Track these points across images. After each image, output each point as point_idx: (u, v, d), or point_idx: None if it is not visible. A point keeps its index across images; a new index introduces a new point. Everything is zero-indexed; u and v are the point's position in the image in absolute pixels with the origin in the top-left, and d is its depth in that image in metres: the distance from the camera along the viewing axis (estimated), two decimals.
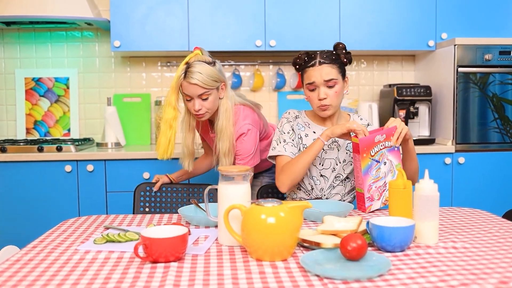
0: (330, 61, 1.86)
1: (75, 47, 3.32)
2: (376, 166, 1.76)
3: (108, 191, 2.81)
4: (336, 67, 1.87)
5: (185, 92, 1.96)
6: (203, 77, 1.92)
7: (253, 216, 1.23)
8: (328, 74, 1.85)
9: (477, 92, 2.91)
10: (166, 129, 2.01)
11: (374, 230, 1.28)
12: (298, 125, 1.98)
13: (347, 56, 1.91)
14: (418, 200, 1.35)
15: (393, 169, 1.79)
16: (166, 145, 2.02)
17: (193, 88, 1.93)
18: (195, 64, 1.94)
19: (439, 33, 3.10)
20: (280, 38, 3.04)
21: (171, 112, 2.00)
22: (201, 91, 1.94)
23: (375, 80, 3.49)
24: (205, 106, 1.98)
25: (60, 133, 3.31)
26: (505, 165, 2.94)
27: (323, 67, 1.85)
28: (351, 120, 1.90)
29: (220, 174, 1.38)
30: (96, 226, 1.61)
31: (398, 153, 1.80)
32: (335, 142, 1.95)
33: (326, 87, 1.86)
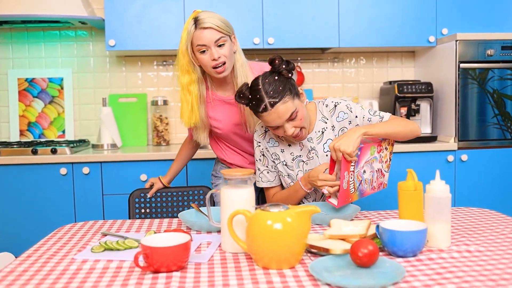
0: (280, 97, 1.60)
1: (69, 46, 3.25)
2: (362, 183, 1.64)
3: (105, 194, 2.74)
4: (288, 97, 1.61)
5: (199, 43, 1.77)
6: (216, 20, 1.78)
7: (259, 222, 1.18)
8: (286, 112, 1.61)
9: (479, 88, 2.86)
10: (186, 94, 1.87)
11: (385, 234, 1.22)
12: (270, 141, 1.82)
13: (289, 68, 1.65)
14: (429, 202, 1.30)
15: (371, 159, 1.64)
16: (190, 111, 1.87)
17: (209, 33, 1.76)
18: (203, 13, 1.81)
19: (440, 28, 3.05)
20: (278, 36, 2.98)
21: (186, 77, 1.85)
22: (217, 36, 1.77)
23: (374, 77, 3.44)
24: (224, 53, 1.79)
25: (54, 134, 3.24)
26: (509, 162, 2.90)
27: (277, 109, 1.60)
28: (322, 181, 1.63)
29: (223, 178, 1.32)
30: (93, 232, 1.54)
31: (362, 149, 1.59)
32: (312, 150, 1.77)
33: (290, 122, 1.65)
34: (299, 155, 1.79)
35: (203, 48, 1.78)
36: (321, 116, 1.79)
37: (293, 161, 1.79)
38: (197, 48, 1.78)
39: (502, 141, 2.90)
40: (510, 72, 2.87)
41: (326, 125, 1.78)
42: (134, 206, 2.10)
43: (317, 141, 1.77)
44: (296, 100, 1.65)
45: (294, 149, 1.79)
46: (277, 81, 1.62)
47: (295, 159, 1.79)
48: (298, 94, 1.68)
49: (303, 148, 1.79)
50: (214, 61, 1.78)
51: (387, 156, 1.75)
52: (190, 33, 1.78)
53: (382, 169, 1.73)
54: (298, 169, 1.79)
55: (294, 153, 1.79)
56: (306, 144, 1.78)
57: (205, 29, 1.76)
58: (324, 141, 1.77)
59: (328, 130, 1.77)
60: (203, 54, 1.79)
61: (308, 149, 1.78)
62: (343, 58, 3.41)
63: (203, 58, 1.80)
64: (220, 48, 1.79)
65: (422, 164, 2.83)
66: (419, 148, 2.84)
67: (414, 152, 2.84)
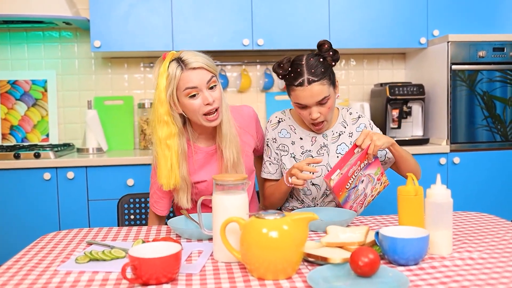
0: (319, 77, 1.64)
1: (53, 48, 3.16)
2: (354, 190, 1.65)
3: (90, 200, 2.66)
4: (327, 82, 1.66)
5: (189, 86, 1.54)
6: (204, 59, 1.57)
7: (254, 230, 1.11)
8: (320, 93, 1.65)
9: (470, 90, 2.83)
10: (164, 150, 1.59)
11: (385, 241, 1.17)
12: (282, 132, 1.84)
13: (335, 58, 1.70)
14: (430, 208, 1.25)
15: (372, 178, 1.69)
16: (169, 170, 1.59)
17: (200, 74, 1.55)
18: (185, 52, 1.59)
19: (431, 30, 3.02)
20: (268, 37, 2.92)
21: (165, 129, 1.58)
22: (208, 76, 1.56)
23: (365, 79, 3.40)
24: (217, 97, 1.58)
25: (38, 138, 3.14)
26: (502, 164, 2.87)
27: (313, 87, 1.63)
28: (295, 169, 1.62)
29: (214, 184, 1.25)
30: (78, 241, 1.47)
31: (375, 162, 1.67)
32: (324, 147, 1.81)
33: (318, 106, 1.68)
34: (309, 150, 1.81)
35: (194, 91, 1.56)
36: (342, 120, 1.85)
37: (302, 154, 1.81)
38: (185, 92, 1.55)
39: (493, 144, 2.88)
40: (499, 74, 2.85)
41: (344, 130, 1.83)
42: (123, 212, 2.03)
43: (332, 140, 1.81)
44: (331, 88, 1.70)
45: (305, 142, 1.81)
46: (321, 63, 1.67)
47: (304, 153, 1.81)
48: (335, 84, 1.73)
49: (315, 143, 1.81)
50: (207, 105, 1.57)
51: (377, 191, 1.74)
52: (175, 76, 1.54)
53: (367, 196, 1.72)
54: None
55: (305, 147, 1.81)
56: (319, 140, 1.81)
57: (195, 70, 1.55)
58: (339, 143, 1.81)
59: (345, 134, 1.82)
60: (193, 99, 1.56)
61: (320, 145, 1.81)
62: None
63: (192, 103, 1.56)
64: (212, 90, 1.58)
65: None
66: (411, 151, 2.78)
67: None
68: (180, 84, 1.56)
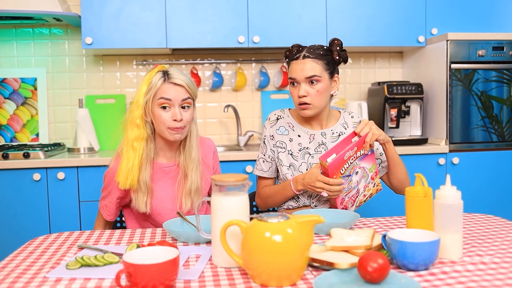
0: (315, 56, 1.72)
1: (43, 45, 3.08)
2: (348, 180, 1.65)
3: (81, 201, 2.58)
4: (322, 63, 1.72)
5: (164, 96, 1.59)
6: (187, 80, 1.63)
7: (256, 233, 1.05)
8: (310, 70, 1.70)
9: (469, 89, 2.79)
10: (128, 151, 1.62)
11: (394, 245, 1.11)
12: (280, 129, 1.85)
13: (342, 54, 1.76)
14: (440, 210, 1.19)
15: (366, 174, 1.69)
16: (128, 170, 1.61)
17: (177, 90, 1.61)
18: (173, 69, 1.65)
19: (429, 28, 2.97)
20: (264, 34, 2.86)
21: (135, 131, 1.63)
22: (185, 96, 1.62)
23: (362, 78, 3.35)
24: (186, 117, 1.63)
25: (27, 138, 3.05)
26: (502, 164, 2.83)
27: (306, 62, 1.71)
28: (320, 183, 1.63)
29: (213, 185, 1.19)
30: (68, 245, 1.40)
31: (371, 156, 1.69)
32: (322, 145, 1.82)
33: (307, 84, 1.72)
34: (307, 147, 1.81)
35: (167, 103, 1.60)
36: (343, 122, 1.86)
37: (299, 151, 1.81)
38: (159, 101, 1.60)
39: (493, 144, 2.84)
40: (495, 74, 2.81)
41: (345, 131, 1.84)
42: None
43: (331, 139, 1.82)
44: (326, 75, 1.72)
45: (303, 140, 1.82)
46: (323, 50, 1.74)
47: (302, 150, 1.81)
48: (332, 76, 1.76)
49: (313, 141, 1.81)
50: (174, 121, 1.61)
51: (369, 191, 1.73)
52: (155, 85, 1.60)
53: (359, 194, 1.71)
54: (302, 160, 1.80)
55: (302, 144, 1.81)
56: (317, 138, 1.81)
57: (175, 85, 1.61)
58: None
59: (344, 136, 1.80)
60: (163, 111, 1.61)
61: (318, 143, 1.81)
62: None
63: (161, 114, 1.60)
64: (184, 110, 1.63)
65: (412, 168, 2.72)
66: (409, 151, 2.75)
67: (403, 155, 2.75)
68: (157, 93, 1.61)
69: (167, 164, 1.72)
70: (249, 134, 3.13)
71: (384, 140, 1.68)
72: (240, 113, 3.20)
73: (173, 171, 1.72)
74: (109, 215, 1.75)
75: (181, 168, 1.70)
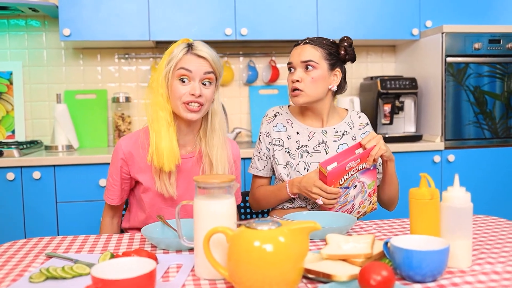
0: (316, 43, 1.66)
1: (19, 37, 2.91)
2: (345, 192, 1.55)
3: (59, 202, 2.43)
4: (321, 51, 1.65)
5: (184, 66, 1.44)
6: (212, 53, 1.48)
7: (244, 242, 0.93)
8: (308, 55, 1.64)
9: (466, 83, 2.69)
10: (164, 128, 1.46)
11: (398, 254, 0.99)
12: (278, 125, 1.75)
13: (349, 51, 1.69)
14: (448, 214, 1.08)
15: (364, 189, 1.59)
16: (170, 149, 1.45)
17: (200, 63, 1.44)
18: (199, 42, 1.50)
19: (423, 20, 2.87)
20: (252, 26, 2.73)
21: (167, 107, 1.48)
22: (208, 69, 1.45)
23: (353, 72, 3.23)
24: (206, 95, 1.46)
25: (2, 135, 2.89)
26: (499, 162, 2.73)
27: (306, 47, 1.66)
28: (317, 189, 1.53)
29: (196, 187, 1.06)
30: (36, 253, 1.26)
31: (373, 172, 1.60)
32: (322, 144, 1.71)
33: (303, 70, 1.65)
34: (305, 145, 1.71)
35: (186, 75, 1.45)
36: (349, 121, 1.77)
37: (297, 149, 1.71)
38: (178, 72, 1.45)
39: (486, 141, 2.74)
40: (488, 69, 2.71)
41: (349, 131, 1.75)
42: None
43: (333, 138, 1.72)
44: (325, 65, 1.65)
45: (301, 137, 1.72)
46: (329, 42, 1.68)
47: (300, 148, 1.71)
48: (333, 69, 1.67)
49: (312, 139, 1.72)
50: (191, 96, 1.45)
51: (364, 209, 1.65)
52: (177, 55, 1.46)
53: (353, 210, 1.61)
54: (300, 159, 1.70)
55: (301, 142, 1.72)
56: (317, 136, 1.72)
57: (198, 57, 1.46)
58: (341, 142, 1.72)
59: (348, 136, 1.74)
60: (181, 84, 1.46)
61: (318, 141, 1.71)
62: None
63: (178, 87, 1.45)
64: (204, 86, 1.47)
65: (406, 165, 2.64)
66: (403, 148, 2.65)
67: (397, 153, 2.64)
68: (178, 64, 1.46)
69: (185, 154, 1.55)
70: (236, 131, 3.00)
71: (389, 158, 1.60)
72: (227, 109, 3.07)
73: (193, 161, 1.55)
74: (113, 199, 1.59)
75: (205, 155, 1.54)
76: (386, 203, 1.76)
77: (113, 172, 1.58)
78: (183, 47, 1.47)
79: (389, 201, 1.74)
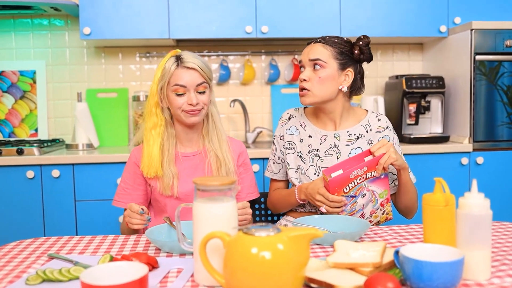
0: (327, 42, 1.60)
1: (42, 36, 2.94)
2: (351, 202, 1.47)
3: (77, 200, 2.44)
4: (331, 50, 1.58)
5: (178, 83, 1.54)
6: (200, 63, 1.56)
7: (240, 249, 0.88)
8: (316, 53, 1.58)
9: (499, 83, 2.56)
10: (149, 139, 1.59)
11: (408, 265, 0.92)
12: (291, 128, 1.70)
13: (364, 50, 1.60)
14: (464, 222, 1.00)
15: (375, 198, 1.50)
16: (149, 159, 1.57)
17: (191, 75, 1.54)
18: (186, 52, 1.59)
19: (452, 17, 2.75)
20: (273, 24, 2.68)
21: (152, 119, 1.60)
22: (199, 80, 1.55)
23: (379, 71, 3.14)
24: (203, 100, 1.57)
25: (26, 133, 2.93)
26: None
27: (315, 46, 1.61)
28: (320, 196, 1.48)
29: (195, 189, 1.02)
30: (40, 253, 1.24)
31: (384, 180, 1.51)
32: (334, 148, 1.64)
33: (311, 69, 1.59)
34: (317, 149, 1.65)
35: (181, 90, 1.55)
36: (366, 123, 1.67)
37: (308, 153, 1.65)
38: (173, 88, 1.55)
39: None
40: None
41: (365, 134, 1.65)
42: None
43: (346, 142, 1.64)
44: (334, 65, 1.58)
45: (313, 141, 1.66)
46: (340, 39, 1.60)
47: (311, 152, 1.65)
48: (344, 69, 1.59)
49: (324, 142, 1.65)
50: (190, 106, 1.55)
51: (377, 219, 1.56)
52: (169, 71, 1.55)
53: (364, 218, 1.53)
54: (310, 163, 1.64)
55: (312, 146, 1.66)
56: (329, 139, 1.65)
57: (188, 69, 1.55)
58: (354, 147, 1.64)
59: (364, 139, 1.65)
60: (179, 97, 1.55)
61: (330, 145, 1.64)
62: None
63: (177, 100, 1.55)
64: (200, 94, 1.57)
65: (432, 168, 2.54)
66: (429, 150, 2.55)
67: (423, 154, 2.54)
68: (171, 79, 1.56)
69: (191, 152, 1.65)
70: (257, 130, 2.95)
71: (400, 166, 1.51)
72: (249, 109, 3.02)
73: (198, 158, 1.64)
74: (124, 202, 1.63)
75: (209, 151, 1.63)
76: (404, 212, 1.67)
77: (126, 176, 1.66)
78: (173, 61, 1.56)
79: (406, 210, 1.66)
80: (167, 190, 1.58)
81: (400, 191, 1.60)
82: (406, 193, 1.59)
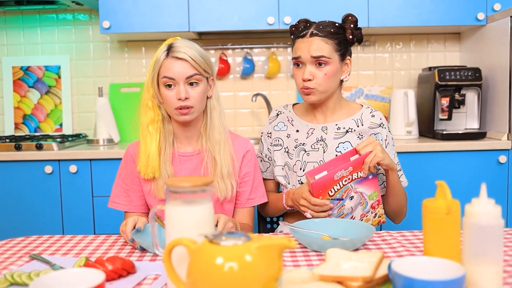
0: (325, 34, 1.48)
1: (66, 31, 2.94)
2: (338, 205, 1.36)
3: (95, 196, 2.41)
4: (331, 43, 1.48)
5: (166, 74, 1.38)
6: (193, 52, 1.39)
7: (205, 259, 0.78)
8: (318, 49, 1.47)
9: None
10: (146, 136, 1.44)
11: (398, 281, 0.80)
12: (279, 125, 1.62)
13: (356, 33, 1.52)
14: (471, 232, 0.86)
15: (364, 200, 1.39)
16: (147, 158, 1.43)
17: (180, 65, 1.37)
18: (180, 40, 1.43)
19: (491, 3, 2.54)
20: (296, 15, 2.55)
21: (149, 114, 1.45)
22: (190, 72, 1.38)
23: (412, 63, 2.96)
24: (194, 96, 1.39)
25: (51, 128, 2.94)
26: None
27: (314, 40, 1.48)
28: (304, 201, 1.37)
29: (167, 190, 0.93)
30: (23, 254, 1.20)
31: (373, 181, 1.39)
32: (321, 141, 1.54)
33: (313, 66, 1.49)
34: (303, 143, 1.57)
35: (170, 81, 1.39)
36: (358, 118, 1.57)
37: (295, 148, 1.57)
38: (163, 80, 1.40)
39: None
40: None
41: (356, 129, 1.56)
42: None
43: (334, 136, 1.55)
44: (336, 56, 1.49)
45: (300, 135, 1.58)
46: (335, 27, 1.50)
47: (298, 146, 1.57)
48: (344, 58, 1.52)
49: (310, 136, 1.57)
50: (179, 100, 1.39)
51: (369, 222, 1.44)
52: (159, 61, 1.41)
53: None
54: (297, 158, 1.56)
55: (299, 140, 1.58)
56: (316, 132, 1.57)
57: (177, 60, 1.38)
58: (342, 141, 1.54)
59: (353, 134, 1.55)
60: (168, 90, 1.40)
61: (316, 138, 1.56)
62: (374, 41, 2.94)
63: (167, 94, 1.40)
64: (191, 87, 1.40)
65: (466, 166, 2.36)
66: (464, 147, 2.36)
67: (456, 152, 2.36)
68: (161, 70, 1.42)
69: (190, 152, 1.50)
70: None
71: (388, 166, 1.41)
72: (273, 103, 2.92)
73: (197, 159, 1.49)
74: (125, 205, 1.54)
75: (206, 152, 1.47)
76: (391, 215, 1.55)
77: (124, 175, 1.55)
78: (164, 50, 1.41)
79: (393, 214, 1.54)
80: (161, 193, 1.44)
81: (387, 193, 1.49)
82: (394, 195, 1.48)
